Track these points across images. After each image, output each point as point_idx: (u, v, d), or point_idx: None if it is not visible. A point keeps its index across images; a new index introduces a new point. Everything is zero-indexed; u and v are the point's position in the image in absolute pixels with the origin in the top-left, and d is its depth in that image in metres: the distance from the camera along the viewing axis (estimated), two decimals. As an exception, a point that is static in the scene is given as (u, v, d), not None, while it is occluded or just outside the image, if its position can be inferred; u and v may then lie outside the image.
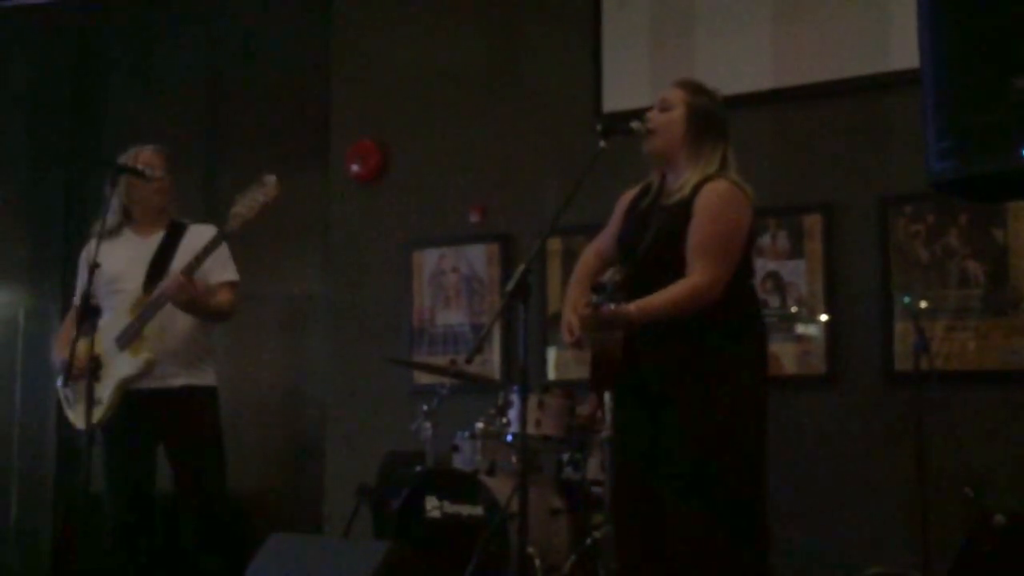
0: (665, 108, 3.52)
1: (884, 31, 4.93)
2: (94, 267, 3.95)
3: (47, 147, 7.10)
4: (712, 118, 3.51)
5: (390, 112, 6.28)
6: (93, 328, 4.04)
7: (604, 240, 3.74)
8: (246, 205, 4.03)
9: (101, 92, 7.29)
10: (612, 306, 3.28)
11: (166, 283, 4.09)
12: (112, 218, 4.28)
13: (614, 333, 3.38)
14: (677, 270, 3.37)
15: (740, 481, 3.35)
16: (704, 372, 3.34)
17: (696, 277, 3.33)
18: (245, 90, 6.83)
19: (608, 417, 4.22)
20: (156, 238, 4.30)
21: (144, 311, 4.13)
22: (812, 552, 4.66)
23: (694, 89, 3.55)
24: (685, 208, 3.41)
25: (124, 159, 4.30)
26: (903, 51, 4.74)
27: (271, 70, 6.74)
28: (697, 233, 3.37)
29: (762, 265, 4.94)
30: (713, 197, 3.39)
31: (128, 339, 4.15)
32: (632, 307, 3.32)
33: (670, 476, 3.38)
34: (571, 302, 3.60)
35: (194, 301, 4.12)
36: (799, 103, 5.17)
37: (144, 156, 4.31)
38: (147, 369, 4.14)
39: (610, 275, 3.36)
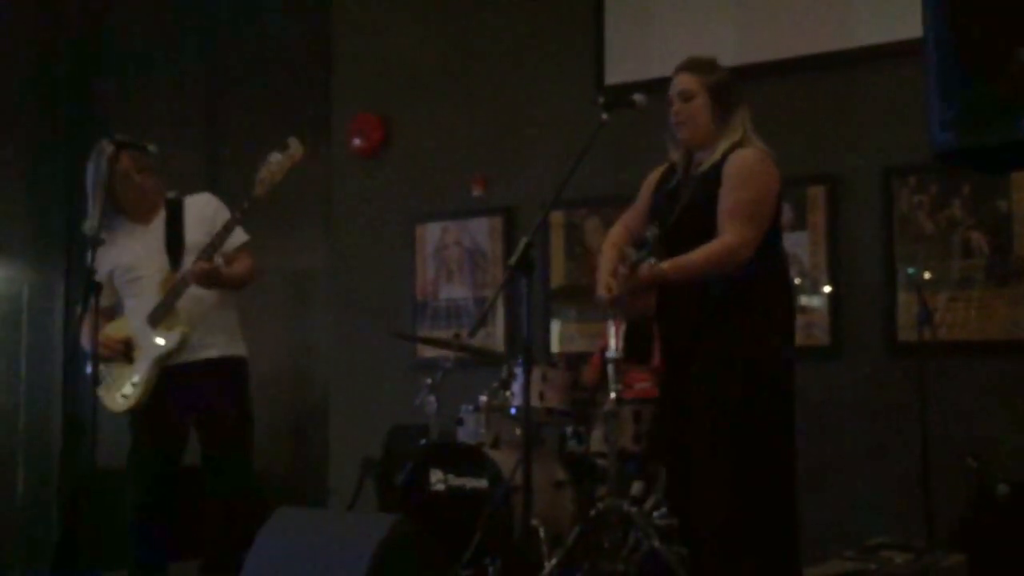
0: (687, 98, 3.56)
1: (889, 0, 4.91)
2: (95, 241, 3.93)
3: (49, 123, 7.09)
4: (729, 89, 3.58)
5: (391, 86, 6.27)
6: (97, 304, 4.04)
7: (632, 216, 3.83)
8: (271, 169, 4.03)
9: (102, 68, 7.27)
10: (652, 261, 3.35)
11: (188, 269, 4.09)
12: (102, 197, 4.11)
13: (647, 299, 3.47)
14: (709, 235, 3.45)
15: (764, 444, 3.39)
16: (730, 335, 3.39)
17: (728, 237, 3.41)
18: (246, 64, 6.81)
19: (612, 386, 4.24)
20: (158, 221, 4.28)
21: (173, 289, 4.14)
22: (815, 522, 4.66)
23: (704, 68, 3.60)
24: (715, 175, 3.49)
25: (92, 165, 4.19)
26: (908, 21, 4.71)
27: (272, 43, 6.73)
28: (728, 198, 3.44)
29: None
30: (742, 163, 3.47)
31: (160, 316, 4.17)
32: (666, 265, 3.42)
33: (695, 438, 3.45)
34: (606, 262, 3.70)
35: (217, 281, 4.14)
36: (802, 74, 5.15)
37: (108, 157, 4.20)
38: (183, 343, 4.16)
39: (650, 231, 3.44)
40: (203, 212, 4.29)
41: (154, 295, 4.19)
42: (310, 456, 6.36)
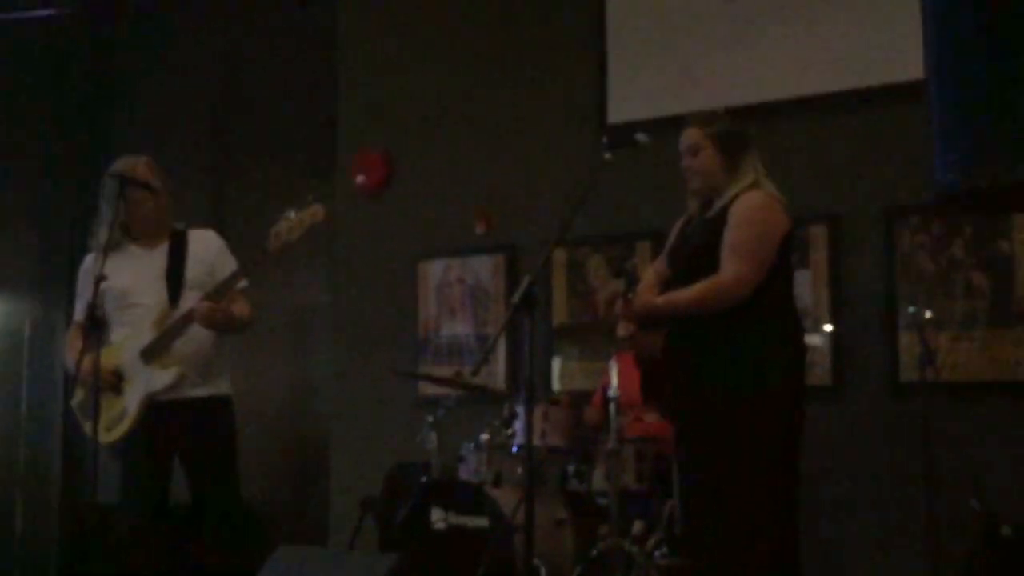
0: (694, 152, 3.62)
1: (891, 41, 4.93)
2: (99, 280, 3.95)
3: (56, 158, 7.12)
4: (735, 137, 3.64)
5: (395, 123, 6.30)
6: (99, 341, 4.03)
7: (660, 262, 3.88)
8: (288, 226, 4.05)
9: (110, 104, 7.31)
10: (631, 295, 3.47)
11: (195, 307, 4.09)
12: (111, 232, 4.19)
13: (655, 338, 3.53)
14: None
15: (765, 485, 3.39)
16: (735, 377, 3.40)
17: (723, 274, 3.49)
18: (252, 100, 6.85)
19: (613, 424, 4.24)
20: (161, 250, 4.29)
21: (173, 327, 4.13)
22: (820, 563, 4.65)
23: (708, 120, 3.68)
24: (722, 218, 3.51)
25: (116, 170, 4.25)
26: (909, 62, 4.74)
27: (277, 81, 6.77)
28: (728, 238, 3.51)
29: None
30: (746, 205, 3.56)
31: (155, 353, 4.16)
32: (660, 299, 3.55)
33: (698, 476, 3.50)
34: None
35: (222, 323, 4.15)
36: (804, 114, 5.17)
37: (140, 169, 4.28)
38: (178, 382, 4.15)
39: (629, 264, 3.58)
40: (206, 250, 4.31)
41: (147, 328, 4.17)
42: (311, 493, 6.33)
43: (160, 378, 4.15)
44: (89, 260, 4.26)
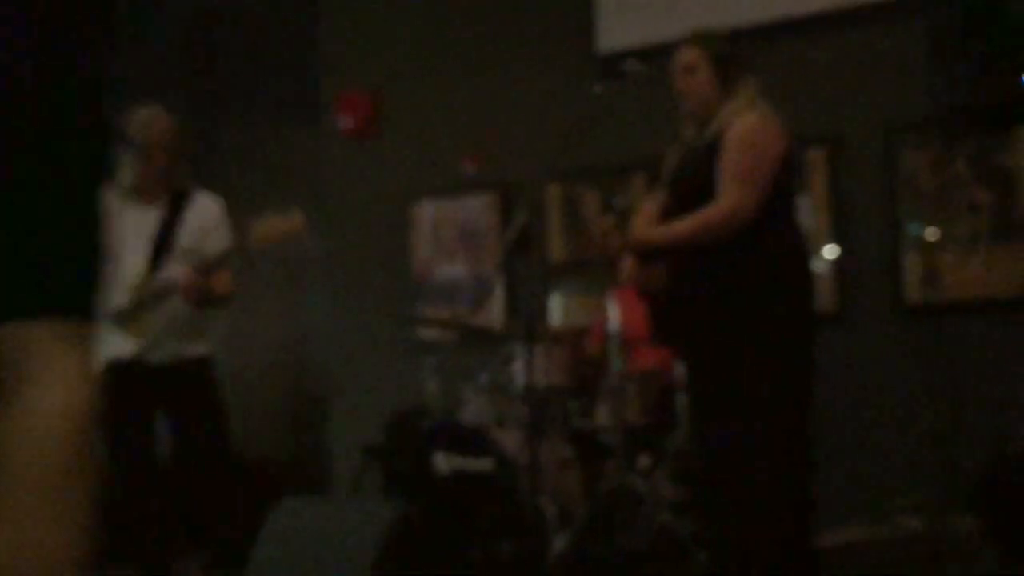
0: (690, 71, 3.53)
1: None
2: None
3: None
4: (733, 59, 3.59)
5: (380, 62, 6.17)
6: None
7: (659, 190, 3.82)
8: (268, 230, 3.99)
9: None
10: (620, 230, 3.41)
11: (178, 280, 4.01)
12: (123, 185, 4.17)
13: (658, 272, 3.50)
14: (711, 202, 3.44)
15: (776, 418, 3.35)
16: (739, 308, 3.35)
17: (722, 202, 3.39)
18: (233, 41, 6.71)
19: (616, 361, 4.19)
20: (158, 208, 4.20)
21: (149, 295, 4.06)
22: (832, 490, 4.61)
23: (707, 41, 3.61)
24: (716, 143, 3.47)
25: (136, 125, 4.17)
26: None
27: (259, 19, 6.62)
28: (724, 163, 3.43)
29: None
30: (740, 128, 3.46)
31: (128, 319, 4.09)
32: (657, 232, 3.50)
33: (709, 411, 3.48)
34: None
35: (205, 300, 4.08)
36: (799, 34, 5.06)
37: (158, 125, 4.18)
38: (138, 356, 4.10)
39: (616, 199, 3.51)
40: (203, 219, 4.21)
41: (125, 290, 4.11)
42: (312, 443, 6.30)
43: (123, 346, 4.09)
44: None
